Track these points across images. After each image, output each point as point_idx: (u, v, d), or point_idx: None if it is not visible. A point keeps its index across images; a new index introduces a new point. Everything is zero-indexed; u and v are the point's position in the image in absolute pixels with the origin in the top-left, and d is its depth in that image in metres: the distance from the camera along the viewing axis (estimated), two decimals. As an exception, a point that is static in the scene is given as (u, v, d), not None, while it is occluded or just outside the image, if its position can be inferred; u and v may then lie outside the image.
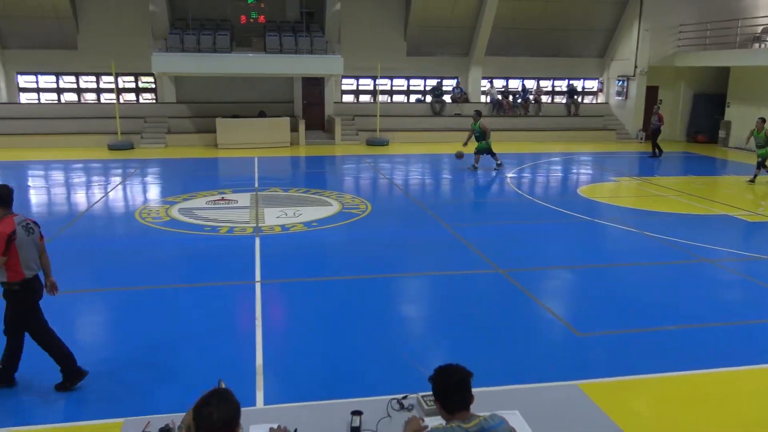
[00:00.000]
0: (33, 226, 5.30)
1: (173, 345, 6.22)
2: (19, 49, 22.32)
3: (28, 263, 5.15)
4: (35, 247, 5.27)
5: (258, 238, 9.99)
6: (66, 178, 16.72)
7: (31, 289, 5.23)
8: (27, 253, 5.13)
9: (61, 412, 5.00)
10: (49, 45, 22.36)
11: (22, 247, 5.07)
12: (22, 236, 5.09)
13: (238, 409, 2.69)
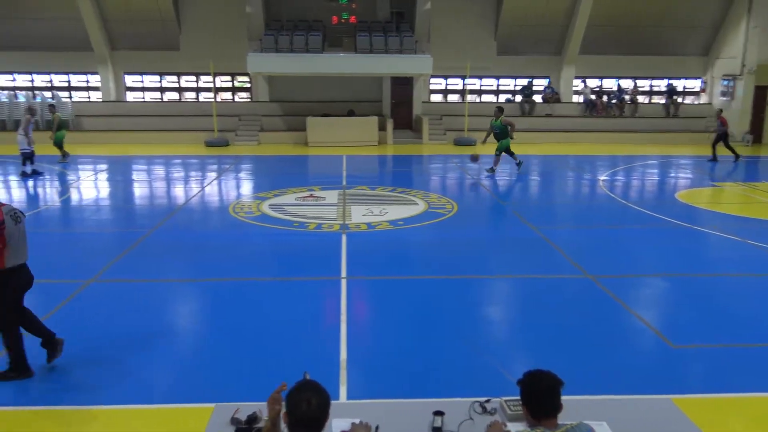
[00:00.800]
0: (20, 215, 5.42)
1: (261, 336, 6.42)
2: (126, 50, 23.71)
3: (15, 252, 5.28)
4: (22, 237, 5.39)
5: (344, 235, 10.15)
6: (166, 172, 17.61)
7: (14, 277, 5.34)
8: (15, 242, 5.25)
9: (160, 394, 5.27)
10: (154, 47, 23.62)
11: (11, 236, 5.20)
12: (10, 225, 5.20)
13: (330, 399, 2.74)
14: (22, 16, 22.40)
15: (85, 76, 24.45)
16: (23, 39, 22.99)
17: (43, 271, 8.47)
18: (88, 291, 7.67)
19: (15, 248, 5.26)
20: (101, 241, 10.29)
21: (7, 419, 4.86)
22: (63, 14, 22.29)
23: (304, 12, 23.54)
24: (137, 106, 24.17)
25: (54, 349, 5.69)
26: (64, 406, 5.01)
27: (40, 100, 23.06)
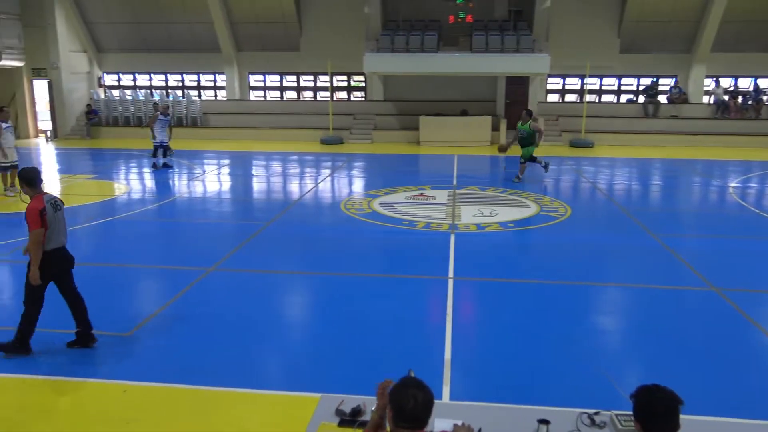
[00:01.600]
0: (60, 203, 5.92)
1: (367, 330, 6.52)
2: (251, 51, 24.89)
3: (53, 237, 5.73)
4: (61, 223, 5.86)
5: (453, 236, 10.10)
6: (283, 168, 18.32)
7: (53, 261, 5.76)
8: (54, 228, 5.72)
9: (268, 380, 5.50)
10: (276, 48, 24.63)
11: (51, 222, 5.68)
12: (50, 212, 5.72)
13: (434, 398, 2.73)
14: (165, 21, 24.11)
15: (212, 76, 25.94)
16: (164, 41, 24.74)
17: (170, 258, 9.12)
18: (208, 278, 8.14)
19: (54, 233, 5.74)
20: (222, 232, 10.87)
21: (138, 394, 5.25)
22: (197, 18, 23.76)
23: (420, 12, 23.66)
24: (259, 105, 25.31)
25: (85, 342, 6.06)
26: (176, 384, 5.34)
27: (171, 98, 24.74)
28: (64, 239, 5.94)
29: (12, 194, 13.06)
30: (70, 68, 24.08)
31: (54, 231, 5.77)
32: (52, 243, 5.76)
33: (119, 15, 24.16)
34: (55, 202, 5.87)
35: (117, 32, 24.83)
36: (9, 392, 5.30)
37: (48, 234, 5.69)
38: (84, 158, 19.90)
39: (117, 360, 5.90)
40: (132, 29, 24.60)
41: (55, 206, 5.86)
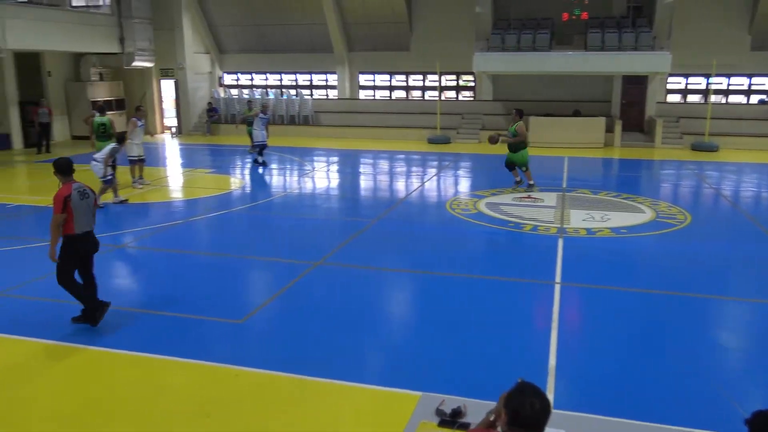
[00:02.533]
0: (88, 191, 6.39)
1: (469, 332, 6.47)
2: (362, 51, 25.34)
3: (78, 222, 6.20)
4: (87, 210, 6.33)
5: (561, 240, 9.81)
6: (390, 167, 18.53)
7: (78, 243, 6.25)
8: (79, 214, 6.19)
9: (368, 375, 5.59)
10: (386, 47, 24.93)
11: (75, 208, 6.16)
12: (76, 199, 6.18)
13: (551, 407, 2.65)
14: (281, 23, 25.09)
15: (324, 76, 26.67)
16: (280, 43, 25.76)
17: (280, 251, 9.47)
18: (315, 272, 8.39)
19: (79, 218, 6.23)
20: (330, 228, 11.17)
21: (248, 379, 5.51)
22: (312, 20, 24.52)
23: (533, 10, 23.13)
24: (368, 104, 25.75)
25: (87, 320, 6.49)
26: (281, 372, 5.53)
27: (285, 97, 25.69)
28: (90, 224, 6.44)
29: (140, 186, 14.06)
30: (195, 68, 25.57)
31: (79, 216, 6.26)
32: (78, 227, 6.26)
33: (240, 18, 25.37)
34: (83, 191, 6.38)
35: (237, 34, 26.09)
36: (130, 368, 5.72)
37: (74, 219, 6.19)
38: (204, 154, 21.08)
39: (230, 345, 6.21)
40: (251, 31, 25.75)
41: (82, 194, 6.35)
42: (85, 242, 6.43)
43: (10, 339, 6.30)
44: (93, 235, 6.55)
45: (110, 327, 6.65)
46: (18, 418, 4.80)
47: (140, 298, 7.76)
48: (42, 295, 7.41)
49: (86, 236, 6.43)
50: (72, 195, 6.22)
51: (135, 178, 14.17)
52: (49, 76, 22.74)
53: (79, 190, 6.35)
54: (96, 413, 4.99)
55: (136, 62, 23.26)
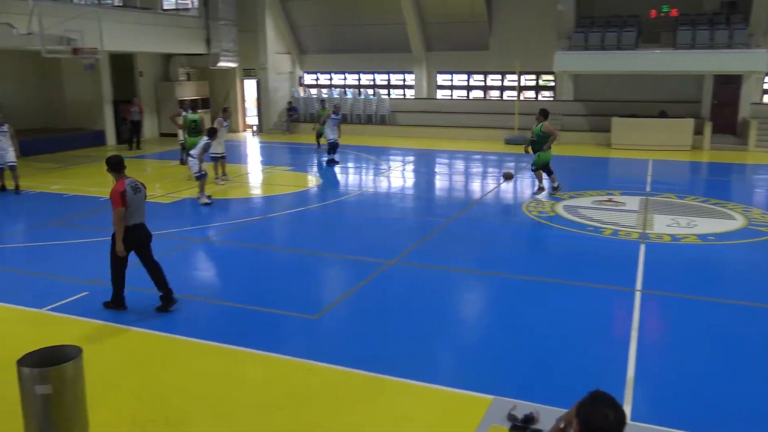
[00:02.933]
0: (140, 186, 6.82)
1: (543, 336, 6.33)
2: (440, 51, 25.25)
3: (133, 214, 6.66)
4: (140, 204, 6.76)
5: (643, 245, 9.44)
6: (465, 167, 18.39)
7: (130, 234, 6.66)
8: (133, 207, 6.63)
9: (438, 375, 5.56)
10: (465, 47, 24.74)
11: (130, 202, 6.59)
12: (130, 194, 6.62)
13: (626, 419, 2.54)
14: (361, 23, 25.37)
15: (402, 76, 26.75)
16: (359, 43, 26.02)
17: (355, 249, 9.57)
18: (389, 270, 8.43)
19: (133, 211, 6.65)
20: (404, 227, 11.19)
21: (320, 373, 5.60)
22: (390, 20, 24.64)
23: (618, 7, 22.35)
24: (445, 104, 25.64)
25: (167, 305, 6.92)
26: (352, 369, 5.58)
27: (363, 96, 25.95)
28: (142, 217, 6.84)
29: (222, 182, 14.56)
30: (276, 68, 26.22)
31: (133, 209, 6.67)
32: (131, 220, 6.68)
33: (320, 19, 25.81)
34: (135, 185, 6.78)
35: (317, 35, 26.56)
36: (207, 358, 5.93)
37: (129, 212, 6.59)
38: (283, 151, 21.58)
39: (304, 340, 6.34)
40: (331, 32, 26.15)
41: (135, 189, 6.76)
42: (137, 233, 6.81)
43: (94, 323, 6.66)
44: (145, 227, 6.94)
45: (190, 317, 6.93)
46: (106, 399, 5.06)
47: (219, 290, 8.03)
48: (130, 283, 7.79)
49: (138, 228, 6.82)
50: (126, 190, 6.64)
51: (218, 175, 14.69)
52: (141, 76, 23.89)
53: (132, 185, 6.76)
54: (176, 399, 5.20)
55: (221, 63, 24.07)
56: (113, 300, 7.01)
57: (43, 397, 3.94)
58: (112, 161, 6.84)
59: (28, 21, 15.57)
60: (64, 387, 4.02)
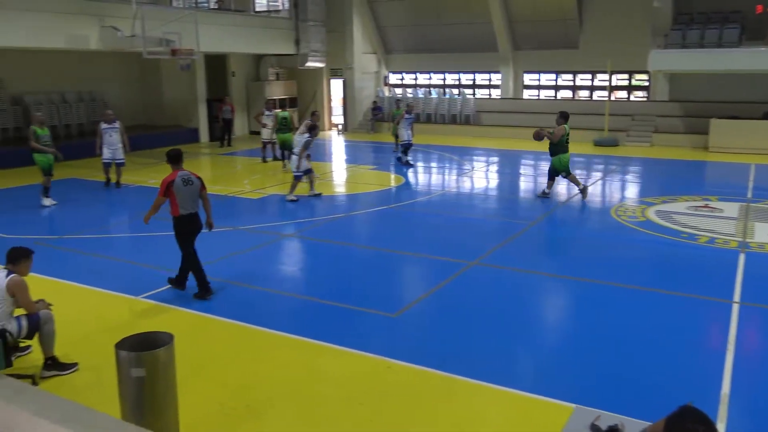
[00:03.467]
0: (193, 179, 7.18)
1: (630, 346, 6.09)
2: (527, 50, 24.79)
3: (183, 205, 7.04)
4: (191, 195, 7.12)
5: (743, 255, 8.90)
6: (552, 169, 17.92)
7: (184, 223, 7.12)
8: (182, 198, 7.02)
9: (518, 380, 5.46)
10: (553, 46, 24.15)
11: (178, 193, 6.98)
12: (179, 185, 6.99)
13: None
14: (447, 23, 25.30)
15: (487, 75, 26.43)
16: (444, 42, 25.94)
17: (436, 249, 9.55)
18: (469, 271, 8.36)
19: (183, 202, 7.06)
20: (486, 228, 11.06)
21: (399, 372, 5.62)
22: (477, 19, 24.42)
23: (719, 4, 21.16)
24: (532, 104, 25.13)
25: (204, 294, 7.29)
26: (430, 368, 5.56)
27: (447, 96, 25.85)
28: (191, 207, 7.20)
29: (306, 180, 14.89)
30: (362, 68, 26.54)
31: (182, 200, 7.09)
32: (182, 209, 7.11)
33: (407, 19, 25.91)
34: (187, 178, 7.17)
35: (403, 35, 26.67)
36: (289, 350, 6.08)
37: (177, 202, 7.04)
38: (367, 150, 21.82)
39: (383, 338, 6.39)
40: (416, 31, 26.20)
41: (186, 181, 7.14)
42: (189, 222, 7.23)
43: (185, 312, 6.97)
44: (197, 217, 7.32)
45: (274, 310, 7.14)
46: (195, 384, 5.29)
47: (302, 285, 8.23)
48: (218, 275, 8.11)
49: (190, 217, 7.23)
50: (176, 181, 7.05)
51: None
52: (233, 76, 24.79)
53: (183, 177, 7.15)
54: (258, 388, 5.36)
55: (309, 63, 24.61)
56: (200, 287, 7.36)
57: (137, 379, 4.16)
58: (171, 154, 7.34)
59: (132, 24, 16.50)
60: (157, 371, 4.22)
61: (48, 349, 5.57)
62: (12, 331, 5.29)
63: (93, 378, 5.53)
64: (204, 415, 4.92)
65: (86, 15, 16.37)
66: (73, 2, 16.12)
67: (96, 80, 21.95)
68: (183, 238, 7.28)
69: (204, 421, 4.85)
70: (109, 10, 16.89)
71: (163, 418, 4.26)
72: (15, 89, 19.76)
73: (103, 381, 5.21)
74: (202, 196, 7.34)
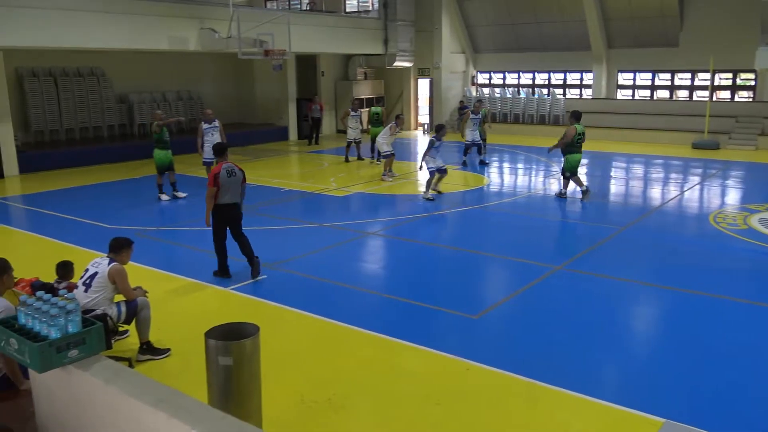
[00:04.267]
0: (236, 171, 7.70)
1: (726, 360, 5.75)
2: (623, 48, 23.87)
3: (224, 194, 7.60)
4: (233, 185, 7.64)
5: None
6: (645, 172, 17.22)
7: (222, 211, 7.67)
8: (225, 188, 7.58)
9: (604, 391, 5.27)
10: (651, 43, 23.14)
11: (222, 183, 7.55)
12: (224, 176, 7.56)
13: None
14: (537, 21, 24.78)
15: (579, 74, 25.66)
16: (535, 41, 25.42)
17: (520, 251, 9.37)
18: (555, 276, 8.15)
19: (224, 192, 7.60)
20: (573, 232, 10.76)
21: (478, 374, 5.56)
22: (569, 17, 23.76)
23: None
24: (626, 104, 24.17)
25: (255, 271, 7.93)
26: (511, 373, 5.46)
27: (537, 96, 25.31)
28: (234, 198, 7.73)
29: (389, 178, 15.01)
30: (450, 68, 26.40)
31: (224, 190, 7.61)
32: (223, 199, 7.64)
33: (496, 17, 25.56)
34: (231, 170, 7.69)
35: (492, 34, 26.33)
36: (367, 347, 6.13)
37: (220, 192, 7.57)
38: (453, 150, 21.68)
39: (463, 339, 6.34)
40: (507, 30, 25.80)
41: (230, 173, 7.67)
42: (228, 211, 7.75)
43: (270, 304, 7.17)
44: (236, 207, 7.84)
45: (355, 306, 7.22)
46: (278, 376, 5.44)
47: (383, 282, 8.29)
48: (303, 270, 8.31)
49: (230, 206, 7.75)
50: (221, 173, 7.59)
51: (385, 171, 15.18)
52: (323, 75, 25.30)
53: (227, 169, 7.68)
54: (339, 383, 5.45)
55: (397, 62, 24.74)
56: (219, 269, 8.03)
57: (224, 367, 4.32)
58: (216, 148, 8.08)
59: (228, 26, 17.16)
60: (243, 360, 4.37)
61: (144, 334, 5.89)
62: (112, 315, 5.63)
63: (183, 363, 5.80)
64: (285, 406, 5.05)
65: (187, 18, 17.18)
66: (175, 6, 16.96)
67: (193, 80, 23.03)
68: (220, 225, 7.83)
69: (285, 411, 4.98)
70: (208, 13, 17.64)
71: (246, 406, 4.41)
72: (120, 88, 21.02)
73: (191, 367, 5.46)
74: (242, 187, 7.92)
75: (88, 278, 5.60)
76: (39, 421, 3.67)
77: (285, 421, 4.85)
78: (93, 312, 5.42)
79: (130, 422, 3.04)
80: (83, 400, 3.35)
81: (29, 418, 3.80)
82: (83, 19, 14.87)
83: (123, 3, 15.74)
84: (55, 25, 14.36)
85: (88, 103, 19.90)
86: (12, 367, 4.25)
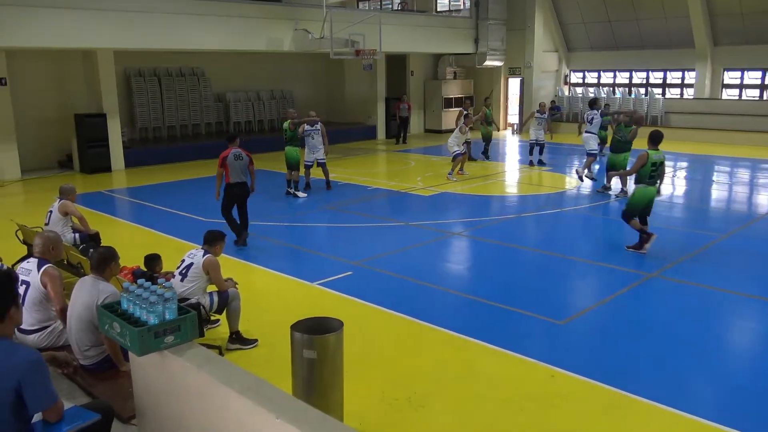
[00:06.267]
0: (243, 156, 9.05)
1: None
2: (730, 45, 22.51)
3: (233, 175, 9.01)
4: (240, 167, 9.03)
5: None
6: (751, 177, 16.18)
7: (232, 187, 9.08)
8: (233, 169, 8.99)
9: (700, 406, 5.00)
10: (762, 40, 21.69)
11: (231, 165, 8.98)
12: (231, 159, 8.97)
13: None
14: (637, 17, 23.79)
15: (680, 73, 24.42)
16: (633, 39, 24.40)
17: (611, 257, 9.03)
18: (648, 283, 7.81)
19: (233, 172, 9.00)
20: (671, 238, 10.24)
21: (563, 381, 5.42)
22: (672, 13, 22.66)
23: None
24: (731, 105, 22.80)
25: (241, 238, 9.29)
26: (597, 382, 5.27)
27: (634, 96, 24.29)
28: (240, 178, 9.07)
29: (454, 179, 14.86)
30: (541, 67, 25.81)
31: (233, 171, 9.00)
32: (232, 178, 9.03)
33: (592, 15, 24.75)
34: (238, 154, 9.03)
35: (588, 32, 25.51)
36: (445, 346, 6.10)
37: (229, 172, 8.97)
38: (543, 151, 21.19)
39: (548, 345, 6.19)
40: (603, 28, 24.92)
41: (237, 156, 9.02)
42: (237, 188, 9.11)
43: (355, 301, 7.26)
44: (245, 185, 9.19)
45: (440, 307, 7.20)
46: (360, 372, 5.51)
47: (466, 283, 8.22)
48: (387, 268, 8.36)
49: (238, 185, 9.11)
50: (228, 156, 8.98)
51: (451, 171, 15.05)
52: (412, 75, 25.36)
53: (235, 153, 9.03)
54: (419, 382, 5.45)
55: (488, 61, 24.45)
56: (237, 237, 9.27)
57: (309, 360, 4.42)
58: (228, 136, 9.36)
59: (321, 27, 17.53)
60: (326, 355, 4.45)
61: (234, 324, 6.12)
62: (205, 305, 5.89)
63: (269, 354, 5.98)
64: (366, 402, 5.11)
65: (282, 20, 17.71)
66: (272, 9, 17.51)
67: (285, 79, 23.68)
68: (229, 200, 9.18)
69: (366, 407, 5.03)
70: (302, 14, 18.10)
71: (328, 399, 4.49)
72: (218, 87, 21.92)
73: (277, 358, 5.62)
74: (250, 170, 9.22)
75: (184, 268, 5.89)
76: (136, 402, 3.90)
77: (365, 417, 4.91)
78: (188, 301, 5.69)
79: (220, 409, 3.17)
80: (176, 384, 3.52)
81: (128, 398, 4.03)
82: (185, 21, 15.67)
83: (224, 6, 16.44)
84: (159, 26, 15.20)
85: (189, 101, 20.89)
86: (114, 349, 4.52)
